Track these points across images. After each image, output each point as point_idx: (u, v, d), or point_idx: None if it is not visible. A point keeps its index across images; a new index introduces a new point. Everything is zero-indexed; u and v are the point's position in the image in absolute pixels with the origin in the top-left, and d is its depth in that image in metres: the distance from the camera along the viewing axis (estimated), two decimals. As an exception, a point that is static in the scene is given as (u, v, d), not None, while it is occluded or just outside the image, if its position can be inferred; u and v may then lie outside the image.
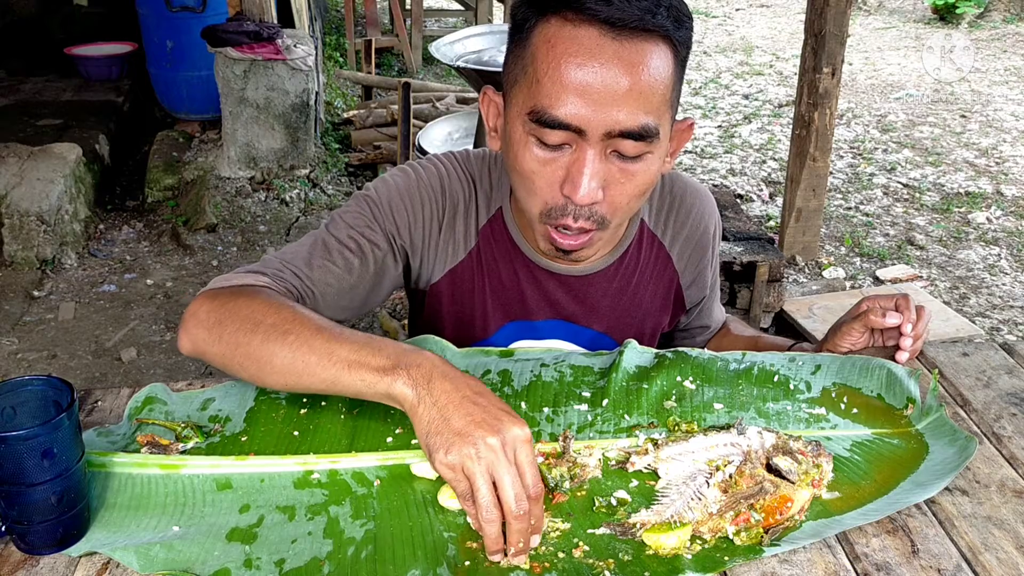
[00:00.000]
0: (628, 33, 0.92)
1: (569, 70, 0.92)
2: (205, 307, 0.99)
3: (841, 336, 1.15)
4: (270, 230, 4.18)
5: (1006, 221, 4.53)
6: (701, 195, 1.27)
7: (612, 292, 1.22)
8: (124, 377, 3.12)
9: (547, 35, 0.95)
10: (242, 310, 0.96)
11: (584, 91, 0.92)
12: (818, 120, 3.68)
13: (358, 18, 7.37)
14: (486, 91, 1.09)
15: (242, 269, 1.07)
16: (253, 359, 0.93)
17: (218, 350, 0.96)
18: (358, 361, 0.88)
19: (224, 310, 0.97)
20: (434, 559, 0.81)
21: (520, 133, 0.99)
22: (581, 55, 0.92)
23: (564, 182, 0.98)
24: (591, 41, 0.92)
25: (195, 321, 0.98)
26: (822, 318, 3.11)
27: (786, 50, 7.84)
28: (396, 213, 1.14)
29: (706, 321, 1.38)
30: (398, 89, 4.63)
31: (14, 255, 3.74)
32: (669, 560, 0.82)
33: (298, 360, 0.90)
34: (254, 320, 0.94)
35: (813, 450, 0.92)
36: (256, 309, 0.96)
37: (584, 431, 1.00)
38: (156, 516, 0.86)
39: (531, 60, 0.96)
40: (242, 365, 0.94)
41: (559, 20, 0.94)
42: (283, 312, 0.95)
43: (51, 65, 5.37)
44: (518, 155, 1.00)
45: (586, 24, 0.92)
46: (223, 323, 0.96)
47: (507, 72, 1.03)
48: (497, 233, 1.18)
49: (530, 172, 0.99)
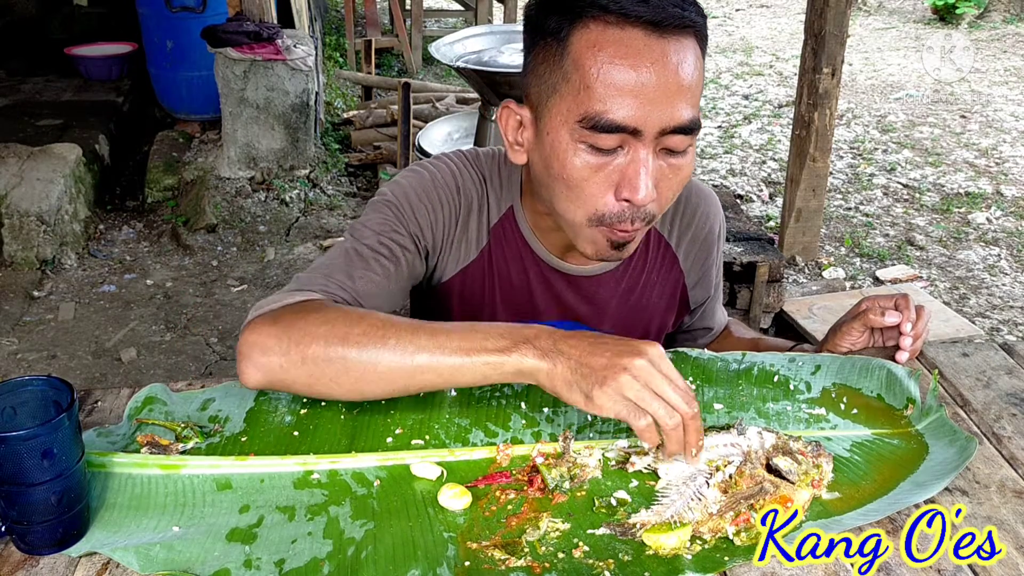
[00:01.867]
0: (670, 31, 0.93)
1: (622, 72, 0.93)
2: (269, 333, 0.95)
3: (841, 336, 1.15)
4: (270, 230, 4.18)
5: (1006, 221, 4.53)
6: (706, 196, 1.28)
7: (620, 293, 1.23)
8: (124, 377, 3.12)
9: (590, 40, 0.94)
10: (319, 326, 0.94)
11: (639, 92, 0.93)
12: (818, 120, 3.68)
13: (358, 18, 7.37)
14: (507, 104, 1.06)
15: (284, 291, 1.03)
16: (351, 372, 0.92)
17: (302, 372, 0.93)
18: (474, 348, 0.89)
19: (296, 330, 0.94)
20: (434, 559, 0.81)
21: (567, 142, 0.97)
22: (631, 56, 0.92)
23: (620, 186, 0.98)
24: (638, 42, 0.93)
25: (262, 349, 0.94)
26: (822, 318, 3.11)
27: (786, 50, 7.84)
28: (418, 214, 1.13)
29: (709, 323, 1.38)
30: (398, 89, 4.63)
31: (14, 255, 3.74)
32: (669, 560, 0.82)
33: (406, 361, 0.90)
34: (339, 333, 0.92)
35: (813, 450, 0.93)
36: (335, 322, 0.94)
37: (584, 431, 1.00)
38: (156, 516, 0.86)
39: (574, 67, 0.95)
40: (336, 381, 0.93)
41: (599, 24, 0.94)
42: (369, 319, 0.94)
43: (51, 65, 5.37)
44: (566, 164, 0.98)
45: (629, 26, 0.93)
46: (301, 343, 0.93)
47: (536, 82, 1.01)
48: (508, 232, 1.18)
49: (580, 180, 0.98)
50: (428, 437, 0.98)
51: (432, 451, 0.96)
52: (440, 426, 0.99)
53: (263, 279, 3.82)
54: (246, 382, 0.96)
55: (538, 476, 0.91)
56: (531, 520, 0.86)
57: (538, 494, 0.90)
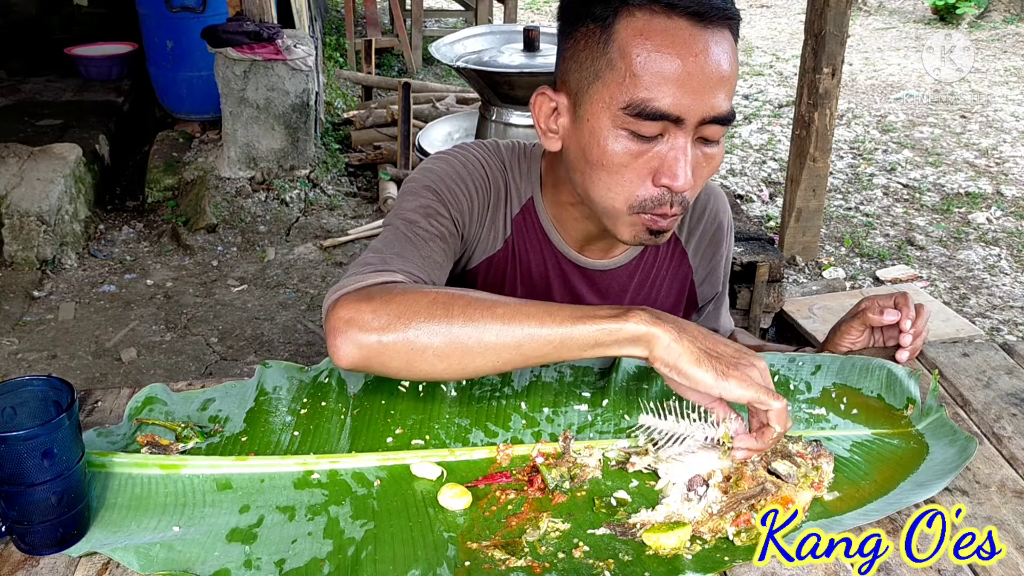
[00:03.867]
0: (712, 23, 0.95)
1: (669, 61, 0.94)
2: (365, 309, 0.91)
3: (840, 336, 1.15)
4: (270, 230, 4.18)
5: (1006, 221, 4.53)
6: (715, 192, 1.29)
7: (632, 287, 1.24)
8: (124, 377, 3.12)
9: (637, 28, 0.95)
10: (419, 300, 0.91)
11: (685, 81, 0.94)
12: (818, 120, 3.68)
13: (358, 18, 7.37)
14: (543, 91, 1.06)
15: (359, 271, 0.99)
16: (458, 345, 0.89)
17: (402, 348, 0.90)
18: (586, 315, 0.89)
19: (395, 305, 0.91)
20: (434, 559, 0.81)
21: (608, 128, 0.98)
22: (678, 46, 0.94)
23: (659, 172, 0.99)
24: (685, 32, 0.94)
25: (360, 326, 0.90)
26: (822, 318, 3.11)
27: (786, 50, 7.84)
28: (456, 197, 1.12)
29: (714, 325, 1.39)
30: (398, 89, 4.63)
31: (14, 255, 3.74)
32: (669, 560, 0.82)
33: (515, 331, 0.89)
34: (443, 306, 0.90)
35: (813, 451, 0.92)
36: (436, 297, 0.91)
37: (584, 431, 1.00)
38: (156, 516, 0.86)
39: (619, 54, 0.96)
40: (440, 355, 0.90)
41: (646, 13, 0.95)
42: (471, 294, 0.92)
43: (51, 65, 5.37)
44: (607, 150, 0.99)
45: (676, 16, 0.94)
46: (402, 318, 0.90)
47: (577, 69, 1.01)
48: (529, 223, 1.18)
49: (620, 166, 0.99)
50: (428, 437, 0.98)
51: (432, 451, 0.96)
52: (440, 426, 0.99)
53: (263, 279, 3.82)
54: (340, 361, 0.92)
55: (538, 476, 0.91)
56: (531, 520, 0.86)
57: (538, 494, 0.90)
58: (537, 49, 3.17)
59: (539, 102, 1.07)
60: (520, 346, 0.89)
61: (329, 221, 4.29)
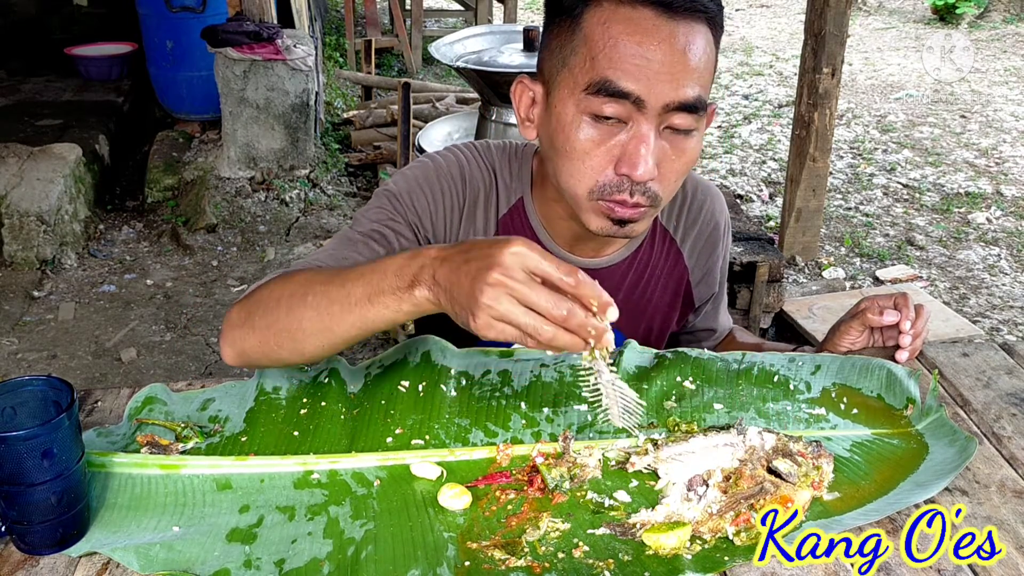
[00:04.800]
0: (681, 14, 0.96)
1: (629, 45, 0.95)
2: (235, 311, 0.98)
3: (840, 336, 1.15)
4: (270, 230, 4.18)
5: (1006, 221, 4.52)
6: (712, 192, 1.29)
7: (626, 287, 1.23)
8: (124, 377, 3.12)
9: (602, 17, 0.97)
10: (264, 296, 0.96)
11: (645, 65, 0.95)
12: (818, 120, 3.68)
13: (358, 18, 7.37)
14: (521, 79, 1.09)
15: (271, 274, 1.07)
16: (286, 333, 0.92)
17: (254, 340, 0.95)
18: (376, 291, 0.86)
19: (250, 303, 0.97)
20: (434, 559, 0.81)
21: (572, 113, 0.99)
22: (640, 33, 0.95)
23: (620, 160, 0.99)
24: (648, 22, 0.95)
25: (229, 326, 0.98)
26: (822, 318, 3.11)
27: (786, 50, 7.84)
28: (417, 203, 1.14)
29: (712, 324, 1.39)
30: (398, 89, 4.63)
31: (14, 255, 3.73)
32: (669, 560, 0.82)
33: (324, 317, 0.90)
34: (275, 298, 0.94)
35: (814, 451, 0.92)
36: (275, 288, 0.96)
37: (584, 431, 1.00)
38: (156, 516, 0.86)
39: (584, 41, 0.98)
40: (280, 345, 0.94)
41: (612, 3, 0.97)
42: (297, 278, 0.95)
43: (51, 65, 5.37)
44: (570, 135, 1.00)
45: (640, 6, 0.96)
46: (252, 314, 0.96)
47: (550, 58, 1.04)
48: (517, 224, 1.19)
49: (583, 152, 1.00)
50: (428, 437, 0.97)
51: (432, 451, 0.96)
52: (440, 426, 0.99)
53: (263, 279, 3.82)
54: (226, 360, 0.99)
55: (538, 476, 0.91)
56: (531, 520, 0.86)
57: (538, 494, 0.90)
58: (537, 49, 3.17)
59: (518, 91, 1.09)
60: (334, 331, 0.90)
61: (329, 221, 4.29)
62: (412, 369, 1.05)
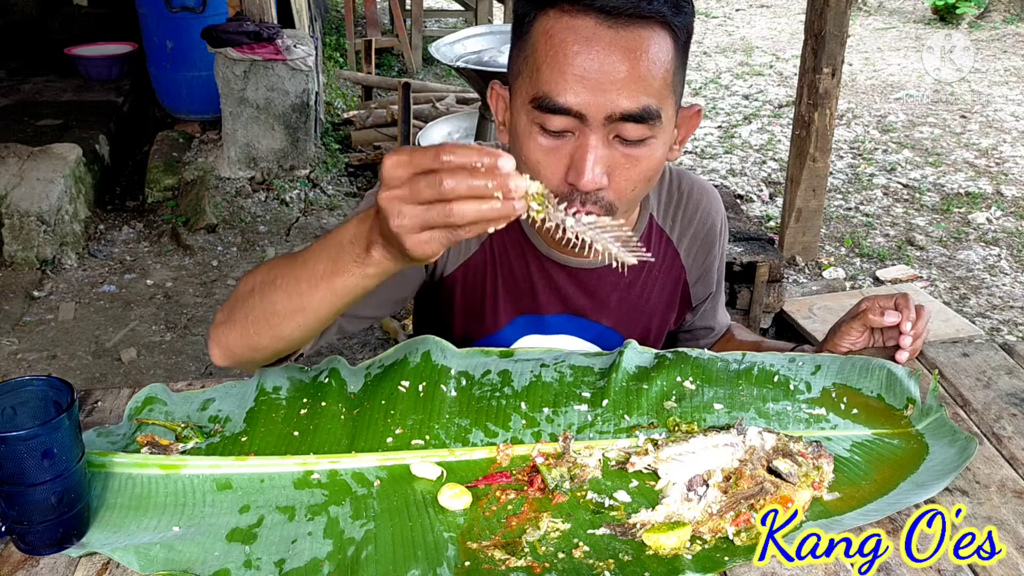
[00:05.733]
0: (624, 21, 0.94)
1: (568, 58, 0.95)
2: (218, 313, 0.99)
3: (840, 336, 1.15)
4: (270, 230, 4.18)
5: (1006, 221, 4.52)
6: (708, 192, 1.29)
7: (622, 287, 1.23)
8: (124, 377, 3.12)
9: (546, 27, 0.97)
10: (241, 290, 0.96)
11: (583, 77, 0.94)
12: (818, 120, 3.68)
13: (358, 18, 7.37)
14: (493, 85, 1.11)
15: None
16: (263, 320, 0.92)
17: (235, 334, 0.95)
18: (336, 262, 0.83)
19: (230, 301, 0.97)
20: (434, 559, 0.81)
21: (525, 123, 1.00)
22: (579, 43, 0.94)
23: (568, 170, 0.99)
24: (588, 30, 0.94)
25: (213, 327, 0.98)
26: (822, 318, 3.11)
27: (786, 50, 7.84)
28: None
29: (710, 323, 1.38)
30: (398, 89, 4.62)
31: (14, 255, 3.73)
32: (669, 560, 0.82)
33: (294, 295, 0.88)
34: (248, 288, 0.94)
35: (814, 451, 0.93)
36: (248, 280, 0.95)
37: (584, 431, 1.00)
38: (156, 516, 0.86)
39: (531, 51, 0.98)
40: (259, 332, 0.93)
41: (557, 12, 0.96)
42: (265, 266, 0.94)
43: (51, 65, 5.37)
44: (523, 145, 1.01)
45: (582, 15, 0.95)
46: (232, 309, 0.95)
47: (511, 66, 1.05)
48: (509, 226, 1.18)
49: (535, 162, 1.00)
50: (428, 437, 0.97)
51: (432, 451, 0.96)
52: (440, 426, 0.99)
53: (260, 279, 3.82)
54: (213, 360, 0.99)
55: (538, 476, 0.91)
56: (531, 520, 0.86)
57: (538, 494, 0.90)
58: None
59: (493, 97, 1.11)
60: (306, 312, 0.88)
61: (329, 221, 4.28)
62: (412, 369, 1.05)
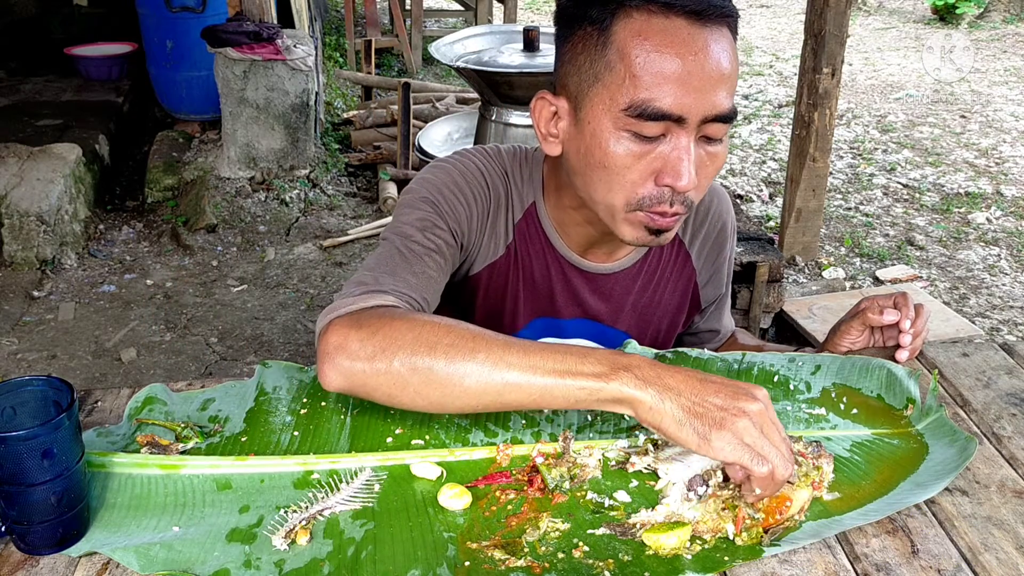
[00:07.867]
0: (712, 21, 0.95)
1: (668, 61, 0.94)
2: (354, 337, 0.90)
3: (840, 336, 1.15)
4: (270, 230, 4.18)
5: (1006, 221, 4.53)
6: (718, 193, 1.29)
7: (636, 290, 1.24)
8: (124, 377, 3.12)
9: (635, 29, 0.95)
10: (405, 334, 0.89)
11: (685, 80, 0.94)
12: (818, 120, 3.68)
13: (358, 18, 7.37)
14: (543, 95, 1.07)
15: (354, 291, 0.99)
16: (437, 384, 0.88)
17: (385, 380, 0.89)
18: (569, 370, 0.85)
19: (382, 336, 0.90)
20: (434, 559, 0.81)
21: (609, 130, 0.98)
22: (677, 46, 0.94)
23: (662, 172, 0.98)
24: (684, 31, 0.94)
25: (346, 354, 0.90)
26: (822, 318, 3.11)
27: (786, 50, 7.84)
28: (454, 208, 1.12)
29: (716, 325, 1.39)
30: (398, 89, 4.63)
31: (14, 255, 3.74)
32: (669, 560, 0.82)
33: (495, 377, 0.86)
34: (427, 343, 0.88)
35: (814, 451, 0.92)
36: (423, 331, 0.89)
37: (584, 431, 1.00)
38: (156, 516, 0.86)
39: (618, 56, 0.96)
40: (420, 393, 0.89)
41: (643, 13, 0.95)
42: (457, 330, 0.90)
43: (51, 65, 5.37)
44: (609, 152, 0.99)
45: (673, 15, 0.95)
46: (388, 350, 0.89)
47: (576, 72, 1.01)
48: (531, 229, 1.18)
49: (623, 167, 0.99)
50: (428, 437, 0.98)
51: (432, 451, 0.96)
52: (440, 426, 0.99)
53: (263, 279, 3.82)
54: (327, 385, 0.92)
55: (538, 476, 0.91)
56: (531, 520, 0.86)
57: (538, 494, 0.90)
58: (537, 49, 3.17)
59: (539, 107, 1.07)
60: (499, 393, 0.87)
61: (329, 221, 4.29)
62: (412, 369, 1.05)
